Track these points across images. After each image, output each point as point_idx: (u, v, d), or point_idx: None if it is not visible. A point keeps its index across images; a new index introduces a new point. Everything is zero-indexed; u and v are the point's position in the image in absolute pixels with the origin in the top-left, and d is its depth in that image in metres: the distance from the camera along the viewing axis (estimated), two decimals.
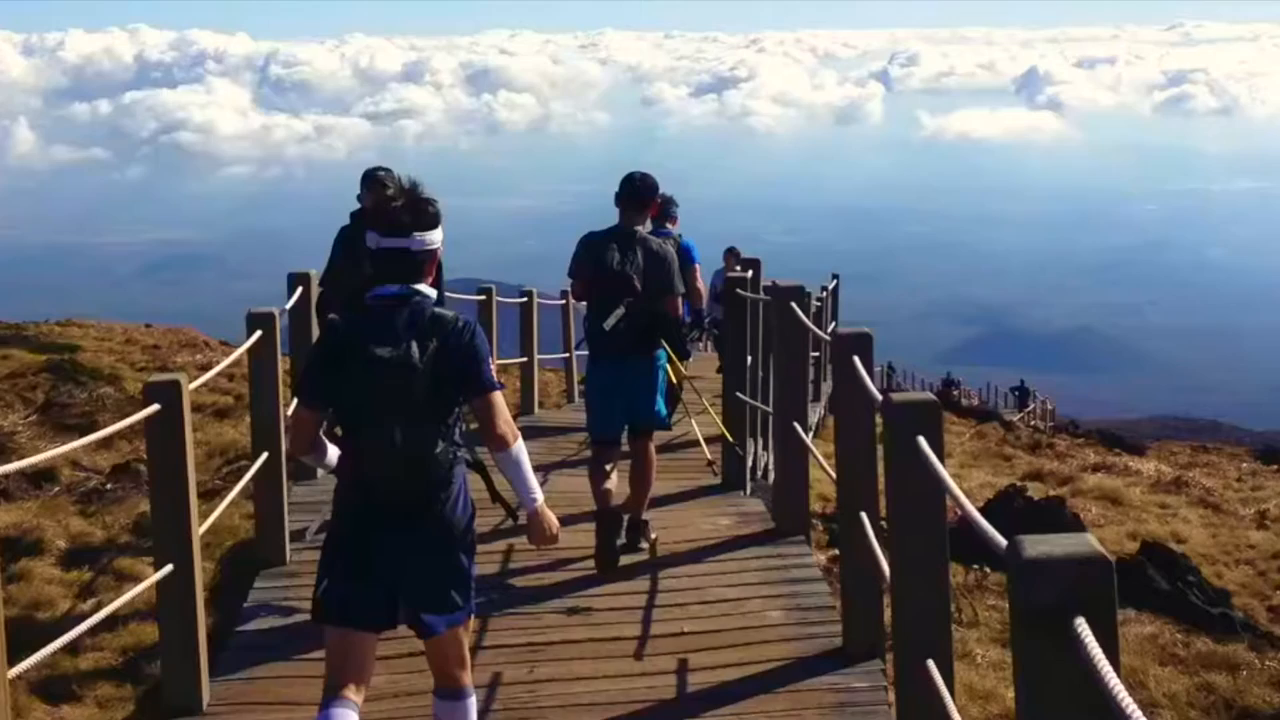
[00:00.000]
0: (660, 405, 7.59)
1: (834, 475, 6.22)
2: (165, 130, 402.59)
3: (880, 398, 4.75)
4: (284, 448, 7.42)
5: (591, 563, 7.20)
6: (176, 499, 5.47)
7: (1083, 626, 2.41)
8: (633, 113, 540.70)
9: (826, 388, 15.49)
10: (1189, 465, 19.51)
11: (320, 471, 7.55)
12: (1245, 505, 14.77)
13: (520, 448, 4.22)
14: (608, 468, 7.39)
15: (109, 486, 9.55)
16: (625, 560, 7.27)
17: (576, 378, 15.34)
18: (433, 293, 4.24)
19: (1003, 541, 2.77)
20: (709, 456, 9.49)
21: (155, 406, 5.38)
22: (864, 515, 5.55)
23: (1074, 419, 38.45)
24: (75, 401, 12.13)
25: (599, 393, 7.56)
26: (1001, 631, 7.78)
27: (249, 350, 7.40)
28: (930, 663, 4.21)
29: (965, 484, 12.75)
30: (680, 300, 7.86)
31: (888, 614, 5.33)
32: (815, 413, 14.43)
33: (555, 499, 5.96)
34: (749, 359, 9.64)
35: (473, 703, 4.42)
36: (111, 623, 6.28)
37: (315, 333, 8.48)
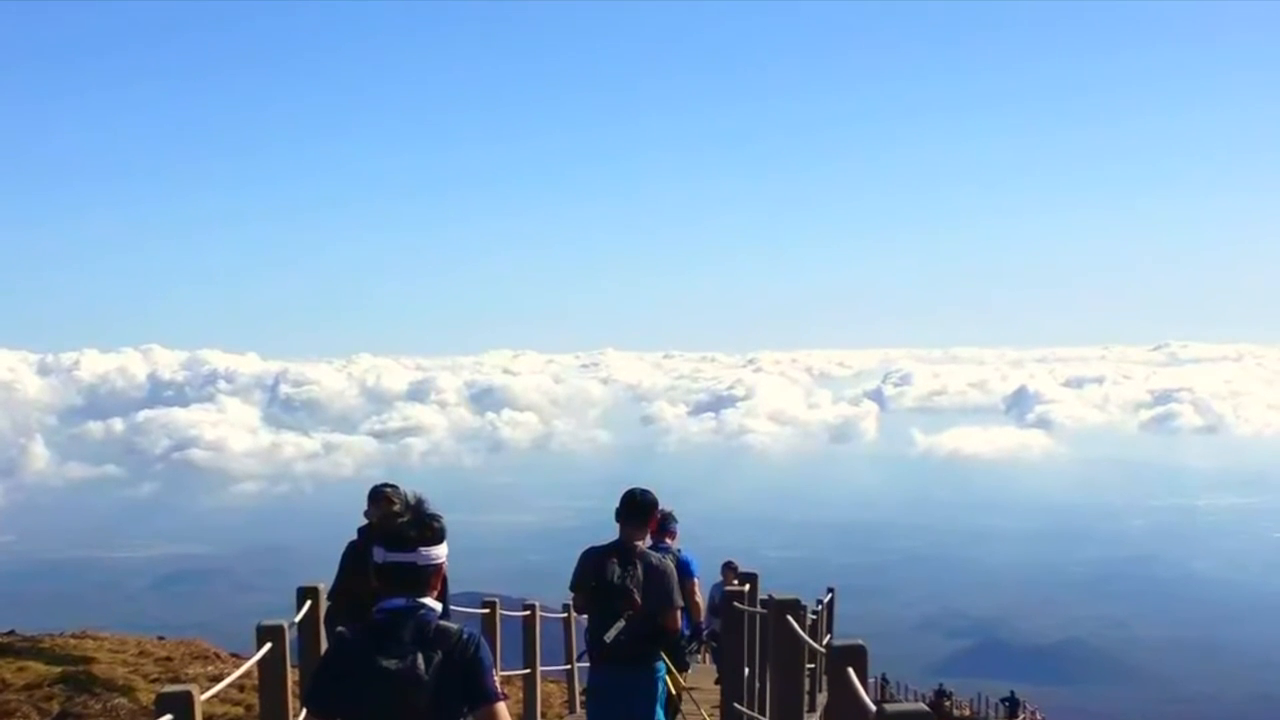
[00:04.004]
0: (659, 715, 7.65)
1: None
2: (177, 448, 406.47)
3: (874, 709, 4.84)
4: None
5: None
6: None
7: None
8: (633, 430, 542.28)
9: (822, 699, 15.43)
10: None
11: None
12: None
13: None
14: None
15: None
16: None
17: (578, 689, 15.30)
18: (438, 606, 4.32)
19: None
20: None
21: (168, 718, 5.54)
22: None
23: None
24: (90, 713, 12.25)
25: (599, 703, 7.67)
26: None
27: (259, 662, 7.61)
28: None
29: None
30: (679, 613, 7.89)
31: None
32: None
33: None
34: (746, 670, 9.93)
35: None
36: None
37: (323, 645, 8.50)
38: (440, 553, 4.31)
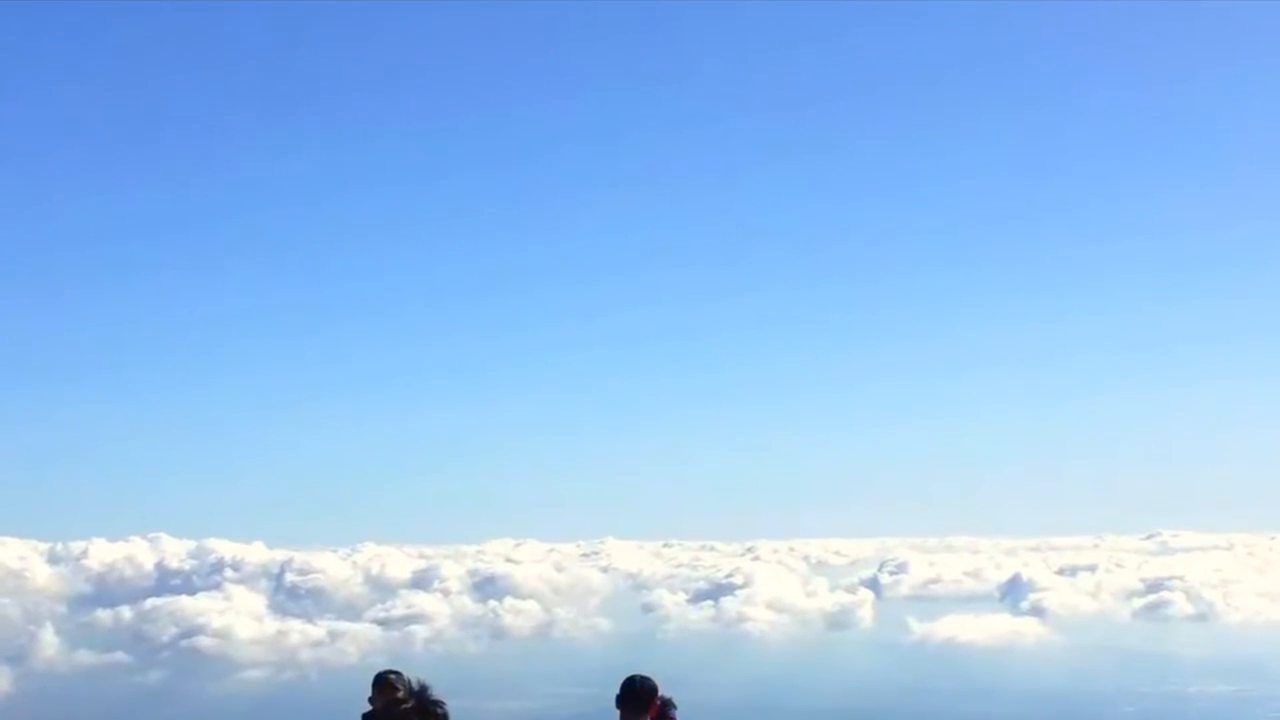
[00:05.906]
0: None
1: None
2: (185, 635, 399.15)
3: None
4: None
5: None
6: None
7: None
8: (633, 618, 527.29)
9: None
10: None
11: None
12: None
13: None
14: None
15: None
16: None
17: None
18: None
19: None
20: None
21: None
22: None
23: None
24: None
25: None
26: None
27: None
28: None
29: None
30: None
31: None
32: None
33: None
34: None
35: None
36: None
37: None
38: None
